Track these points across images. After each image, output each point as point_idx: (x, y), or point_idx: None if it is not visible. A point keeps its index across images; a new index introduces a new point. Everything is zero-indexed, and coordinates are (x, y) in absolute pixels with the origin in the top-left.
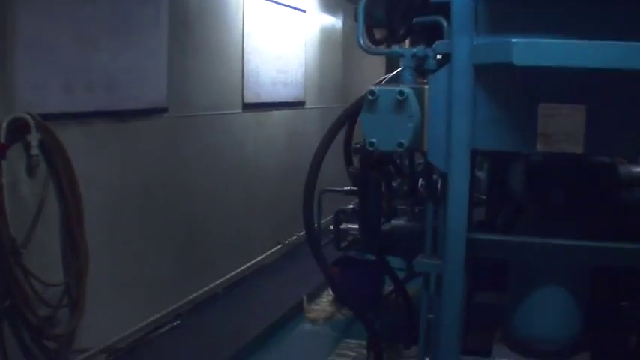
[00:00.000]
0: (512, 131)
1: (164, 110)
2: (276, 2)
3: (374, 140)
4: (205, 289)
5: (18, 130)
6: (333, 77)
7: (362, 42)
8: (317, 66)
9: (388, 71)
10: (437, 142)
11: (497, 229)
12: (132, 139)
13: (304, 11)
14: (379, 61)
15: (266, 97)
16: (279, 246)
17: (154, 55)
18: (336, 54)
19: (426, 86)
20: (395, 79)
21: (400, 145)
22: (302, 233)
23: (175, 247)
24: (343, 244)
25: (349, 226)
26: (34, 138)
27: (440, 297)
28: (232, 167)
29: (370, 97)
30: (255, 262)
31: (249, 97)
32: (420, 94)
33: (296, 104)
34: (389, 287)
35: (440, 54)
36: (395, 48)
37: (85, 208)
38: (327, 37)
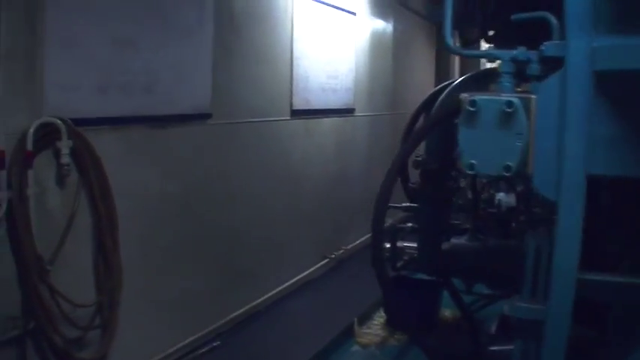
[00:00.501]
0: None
1: (208, 116)
2: (326, 3)
3: (474, 162)
4: (247, 307)
5: (47, 136)
6: (383, 83)
7: (450, 42)
8: (367, 71)
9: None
10: (545, 164)
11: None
12: (171, 146)
13: (354, 14)
14: (430, 67)
15: (315, 104)
16: (326, 260)
17: (197, 56)
18: (386, 59)
19: (533, 96)
20: (470, 84)
21: (507, 168)
22: (350, 247)
23: (215, 262)
24: (399, 264)
25: (405, 244)
26: (64, 145)
27: (541, 347)
28: (277, 177)
29: (470, 108)
30: (300, 278)
31: (298, 104)
32: (525, 105)
33: (346, 111)
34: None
35: (546, 58)
36: (490, 49)
37: (119, 221)
38: (377, 42)
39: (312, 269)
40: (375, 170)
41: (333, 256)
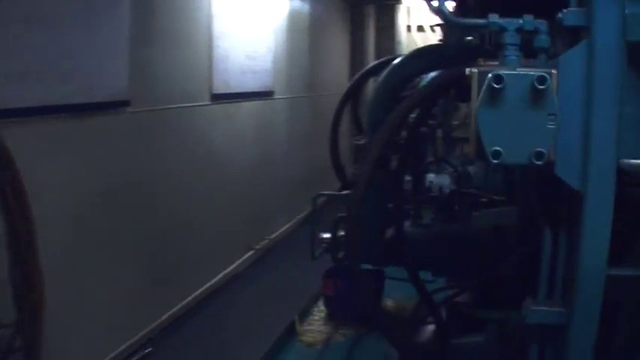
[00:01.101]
0: None
1: (125, 104)
2: None
3: (499, 149)
4: (177, 307)
5: None
6: (300, 64)
7: (446, 11)
8: (285, 52)
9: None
10: (569, 149)
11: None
12: (89, 139)
13: None
14: (345, 49)
15: (235, 87)
16: (251, 252)
17: (113, 37)
18: (304, 39)
19: (554, 71)
20: (418, 61)
21: (539, 155)
22: (273, 236)
23: (143, 260)
24: (340, 255)
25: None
26: None
27: (563, 352)
28: (200, 167)
29: (495, 84)
30: (228, 272)
31: (218, 87)
32: None
33: (265, 94)
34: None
35: (565, 28)
36: (493, 18)
37: (38, 225)
38: (294, 21)
39: (238, 262)
40: (295, 154)
41: (259, 246)
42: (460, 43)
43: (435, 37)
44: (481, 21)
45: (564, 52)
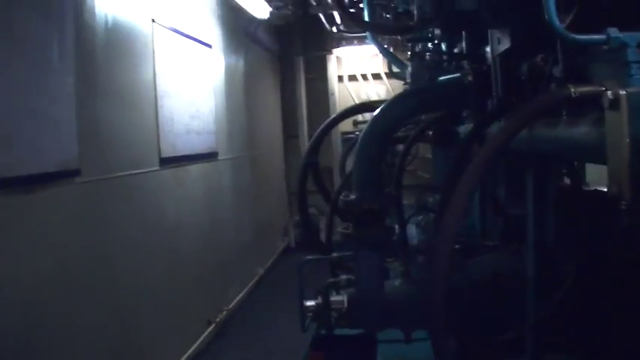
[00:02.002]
0: None
1: (76, 173)
2: (184, 34)
3: None
4: None
5: None
6: (239, 122)
7: (558, 24)
8: (225, 110)
9: None
10: None
11: None
12: (36, 214)
13: (210, 46)
14: (277, 102)
15: (182, 150)
16: (212, 327)
17: (59, 98)
18: (240, 96)
19: None
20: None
21: None
22: (231, 306)
23: (103, 344)
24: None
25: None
26: None
27: None
28: (153, 236)
29: None
30: (190, 354)
31: (166, 151)
32: None
33: (209, 156)
34: None
35: None
36: (612, 33)
37: None
38: (231, 77)
39: (200, 339)
40: (242, 217)
41: (218, 319)
42: (451, 81)
43: (369, 85)
44: (601, 37)
45: None
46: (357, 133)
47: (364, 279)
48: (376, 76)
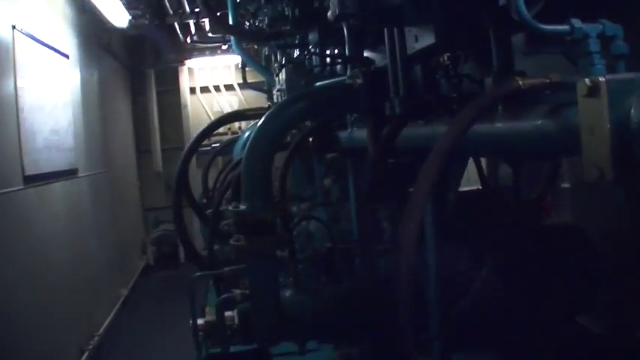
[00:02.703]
0: None
1: None
2: (44, 44)
3: None
4: None
5: None
6: (96, 137)
7: (526, 14)
8: (83, 124)
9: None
10: None
11: None
12: None
13: (68, 57)
14: (128, 114)
15: (45, 167)
16: (85, 355)
17: None
18: (95, 109)
19: None
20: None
21: None
22: (101, 331)
23: None
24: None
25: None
26: None
27: None
28: (19, 262)
29: None
30: None
31: (30, 168)
32: None
33: (71, 173)
34: None
35: None
36: (575, 23)
37: None
38: (87, 90)
39: None
40: (103, 234)
41: (90, 346)
42: (340, 85)
43: (222, 97)
44: (565, 27)
45: None
46: (214, 145)
47: (260, 291)
48: (229, 87)
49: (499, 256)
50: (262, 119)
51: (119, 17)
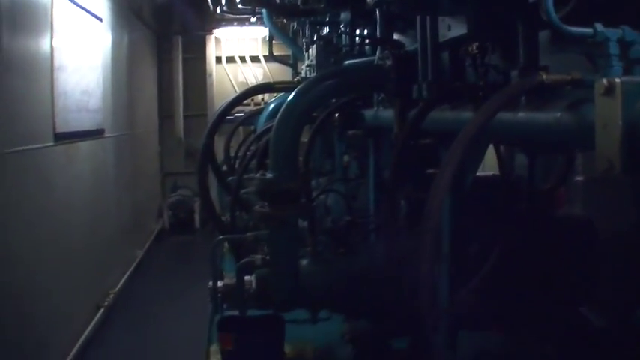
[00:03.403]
0: None
1: None
2: (80, 6)
3: None
4: None
5: None
6: (122, 100)
7: (554, 16)
8: (111, 87)
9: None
10: None
11: None
12: None
13: (101, 20)
14: (153, 81)
15: (75, 126)
16: (101, 311)
17: None
18: (123, 74)
19: None
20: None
21: None
22: (117, 289)
23: None
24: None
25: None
26: None
27: None
28: (46, 218)
29: None
30: (84, 341)
31: (61, 126)
32: None
33: (97, 133)
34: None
35: None
36: (598, 28)
37: None
38: (117, 53)
39: (91, 326)
40: (123, 197)
41: (106, 303)
42: (370, 65)
43: (247, 68)
44: (589, 30)
45: None
46: (237, 115)
47: (280, 258)
48: (254, 59)
49: (508, 242)
50: (293, 93)
51: None
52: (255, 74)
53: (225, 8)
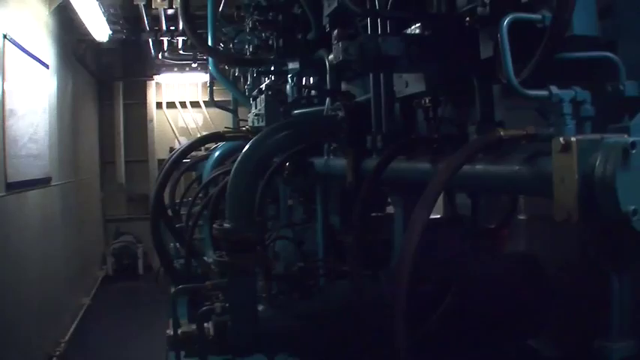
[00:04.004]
0: None
1: None
2: (29, 53)
3: (636, 207)
4: None
5: None
6: (67, 146)
7: (514, 80)
8: (57, 133)
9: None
10: None
11: None
12: None
13: (48, 66)
14: (94, 127)
15: (25, 174)
16: None
17: None
18: (68, 119)
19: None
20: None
21: None
22: (67, 338)
23: None
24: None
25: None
26: None
27: None
28: None
29: (632, 150)
30: None
31: (12, 175)
32: None
33: (45, 181)
34: None
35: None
36: (553, 90)
37: None
38: (62, 99)
39: None
40: (70, 243)
41: (58, 353)
42: (324, 116)
43: (187, 113)
44: (545, 93)
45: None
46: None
47: (239, 305)
48: (195, 104)
49: (460, 281)
50: (249, 144)
51: (101, 32)
52: (195, 119)
53: (166, 54)
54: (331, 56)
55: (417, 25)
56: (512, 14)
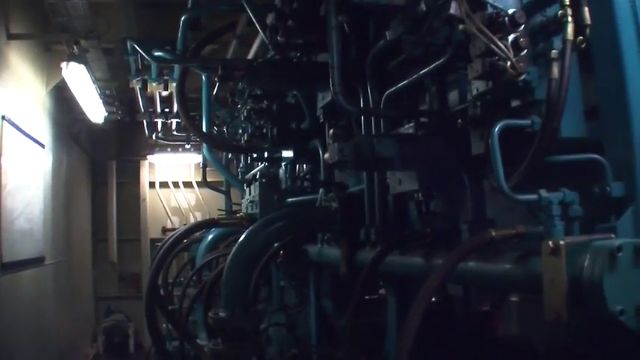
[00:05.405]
0: None
1: None
2: (26, 134)
3: (623, 308)
4: None
5: None
6: (61, 225)
7: (506, 187)
8: (51, 212)
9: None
10: None
11: None
12: None
13: (43, 146)
14: (87, 205)
15: (20, 254)
16: None
17: None
18: (62, 198)
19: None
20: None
21: None
22: None
23: None
24: None
25: None
26: None
27: None
28: None
29: (618, 253)
30: None
31: (8, 255)
32: None
33: (39, 261)
34: None
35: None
36: (542, 194)
37: None
38: (57, 179)
39: None
40: (61, 322)
41: None
42: (319, 207)
43: (180, 193)
44: (534, 197)
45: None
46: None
47: None
48: (187, 185)
49: None
50: (244, 235)
51: (97, 114)
52: (188, 199)
53: (160, 135)
54: (326, 155)
55: (410, 124)
56: (503, 121)
